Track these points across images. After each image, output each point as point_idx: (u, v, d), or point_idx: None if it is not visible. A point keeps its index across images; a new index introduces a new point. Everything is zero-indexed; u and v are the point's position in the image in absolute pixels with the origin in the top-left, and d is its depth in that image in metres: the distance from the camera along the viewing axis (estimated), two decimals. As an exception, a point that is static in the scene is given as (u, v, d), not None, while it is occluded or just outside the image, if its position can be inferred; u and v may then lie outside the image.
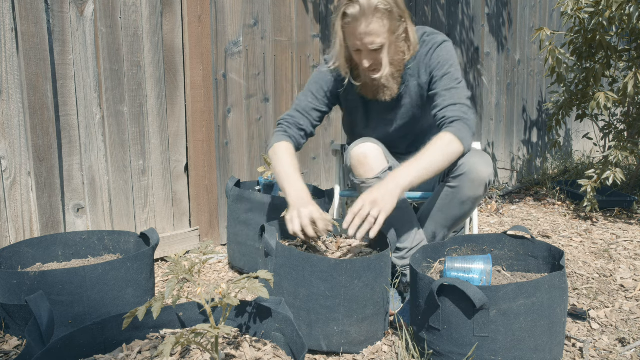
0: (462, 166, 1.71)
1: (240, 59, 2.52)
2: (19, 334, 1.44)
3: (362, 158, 1.72)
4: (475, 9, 3.87)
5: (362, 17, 1.58)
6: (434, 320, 1.40)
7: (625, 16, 3.00)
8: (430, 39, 1.79)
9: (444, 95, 1.72)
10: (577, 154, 5.15)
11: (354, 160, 1.74)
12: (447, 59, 1.76)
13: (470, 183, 1.71)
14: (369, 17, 1.58)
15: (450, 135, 1.64)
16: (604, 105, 3.09)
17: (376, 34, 1.61)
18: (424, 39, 1.79)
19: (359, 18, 1.59)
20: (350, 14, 1.59)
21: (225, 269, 2.30)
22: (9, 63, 1.84)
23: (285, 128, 1.85)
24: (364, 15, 1.58)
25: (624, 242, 2.69)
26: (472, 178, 1.70)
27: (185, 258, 2.33)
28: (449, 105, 1.70)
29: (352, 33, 1.63)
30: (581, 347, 1.59)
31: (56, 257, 1.78)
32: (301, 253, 1.49)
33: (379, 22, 1.60)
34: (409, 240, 1.77)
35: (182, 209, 2.44)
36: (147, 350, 1.21)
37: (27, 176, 1.92)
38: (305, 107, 1.87)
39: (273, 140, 1.84)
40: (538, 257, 1.69)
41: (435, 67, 1.76)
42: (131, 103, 2.19)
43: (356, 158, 1.74)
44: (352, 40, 1.65)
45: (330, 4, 2.88)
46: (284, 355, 1.22)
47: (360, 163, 1.73)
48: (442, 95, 1.73)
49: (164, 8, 2.25)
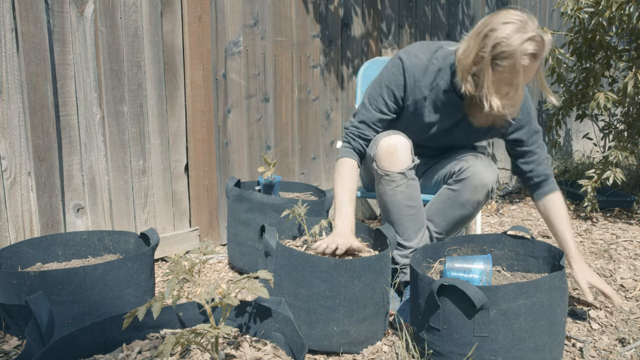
0: (466, 171, 1.72)
1: (240, 59, 2.52)
2: (19, 334, 1.44)
3: (392, 149, 1.69)
4: (476, 9, 3.87)
5: (540, 56, 1.54)
6: (434, 320, 1.40)
7: (625, 16, 3.00)
8: None
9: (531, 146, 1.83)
10: (577, 154, 5.15)
11: (382, 151, 1.70)
12: (527, 105, 1.80)
13: (471, 188, 1.71)
14: (542, 56, 1.55)
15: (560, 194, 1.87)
16: (604, 105, 3.09)
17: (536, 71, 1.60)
18: None
19: (538, 57, 1.53)
20: (534, 52, 1.52)
21: (225, 269, 2.30)
22: (9, 63, 1.84)
23: (350, 140, 1.81)
24: (541, 55, 1.54)
25: (624, 242, 2.69)
26: (475, 184, 1.71)
27: (185, 258, 2.32)
28: (543, 161, 1.85)
29: (522, 70, 1.54)
30: (581, 347, 1.59)
31: (56, 257, 1.78)
32: (301, 253, 1.49)
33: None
34: (415, 240, 1.77)
35: (182, 209, 2.44)
36: (147, 350, 1.21)
37: (27, 176, 1.92)
38: (371, 118, 1.79)
39: (340, 153, 1.81)
40: (538, 257, 1.69)
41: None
42: (131, 103, 2.19)
43: (385, 148, 1.69)
44: (518, 75, 1.55)
45: (331, 4, 2.88)
46: (284, 355, 1.22)
47: (389, 154, 1.69)
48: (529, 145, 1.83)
49: (164, 8, 2.26)
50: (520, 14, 1.55)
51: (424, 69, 1.75)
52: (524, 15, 1.54)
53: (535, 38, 1.51)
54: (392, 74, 1.77)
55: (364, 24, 3.07)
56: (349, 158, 1.78)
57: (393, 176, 1.69)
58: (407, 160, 1.70)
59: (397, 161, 1.69)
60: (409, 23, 3.35)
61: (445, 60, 1.74)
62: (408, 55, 1.77)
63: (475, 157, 1.76)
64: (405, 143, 1.71)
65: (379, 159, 1.71)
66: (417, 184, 1.75)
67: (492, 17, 1.58)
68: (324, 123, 2.95)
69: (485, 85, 1.58)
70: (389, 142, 1.69)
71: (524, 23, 1.52)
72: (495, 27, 1.53)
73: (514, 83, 1.57)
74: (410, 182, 1.71)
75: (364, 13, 3.07)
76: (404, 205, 1.72)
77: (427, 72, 1.75)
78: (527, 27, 1.51)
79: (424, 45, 1.80)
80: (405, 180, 1.70)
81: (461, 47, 1.64)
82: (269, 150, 2.71)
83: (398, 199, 1.71)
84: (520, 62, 1.52)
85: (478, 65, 1.59)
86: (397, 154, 1.69)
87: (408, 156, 1.71)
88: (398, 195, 1.71)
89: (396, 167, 1.69)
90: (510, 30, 1.51)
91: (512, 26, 1.51)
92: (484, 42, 1.55)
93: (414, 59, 1.76)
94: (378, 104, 1.78)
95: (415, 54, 1.77)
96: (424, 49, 1.78)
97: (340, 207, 1.71)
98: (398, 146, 1.69)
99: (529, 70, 1.55)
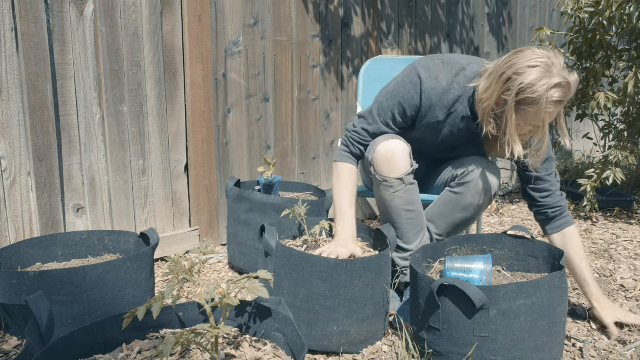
0: (470, 174, 1.71)
1: (240, 59, 2.52)
2: (19, 334, 1.44)
3: (390, 155, 1.65)
4: (476, 8, 3.87)
5: (566, 99, 1.49)
6: (434, 320, 1.40)
7: (626, 16, 3.00)
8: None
9: (542, 172, 1.73)
10: (577, 153, 5.15)
11: (380, 156, 1.67)
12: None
13: (474, 192, 1.71)
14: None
15: (576, 228, 1.76)
16: (604, 105, 3.08)
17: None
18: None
19: (564, 102, 1.49)
20: (560, 100, 1.47)
21: (225, 269, 2.30)
22: (9, 63, 1.84)
23: (349, 144, 1.77)
24: (569, 96, 1.49)
25: (624, 242, 2.69)
26: (478, 188, 1.70)
27: (185, 258, 2.32)
28: (556, 191, 1.75)
29: (546, 113, 1.49)
30: (581, 347, 1.59)
31: (56, 257, 1.78)
32: (301, 253, 1.49)
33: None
34: (415, 243, 1.76)
35: (182, 209, 2.44)
36: (147, 350, 1.21)
37: (27, 176, 1.92)
38: (376, 130, 1.75)
39: (339, 156, 1.78)
40: (538, 257, 1.69)
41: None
42: (131, 103, 2.19)
43: (383, 154, 1.66)
44: (542, 118, 1.51)
45: (331, 4, 2.88)
46: (284, 355, 1.22)
47: (387, 160, 1.66)
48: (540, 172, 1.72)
49: (164, 8, 2.25)
50: (546, 53, 1.48)
51: (442, 93, 1.68)
52: (550, 55, 1.48)
53: (561, 84, 1.45)
54: (409, 92, 1.70)
55: (364, 23, 3.07)
56: (348, 163, 1.76)
57: (391, 182, 1.67)
58: (405, 165, 1.67)
59: (395, 167, 1.66)
60: (409, 23, 3.35)
61: (466, 87, 1.67)
62: (429, 75, 1.69)
63: (479, 161, 1.75)
64: (403, 148, 1.68)
65: (376, 164, 1.68)
66: (416, 188, 1.73)
67: (516, 56, 1.51)
68: (324, 123, 2.95)
69: (508, 131, 1.52)
70: (387, 148, 1.66)
71: (550, 66, 1.46)
72: (520, 70, 1.47)
73: (536, 125, 1.53)
74: (408, 187, 1.70)
75: (364, 13, 3.07)
76: (403, 210, 1.71)
77: (445, 97, 1.68)
78: (553, 71, 1.45)
79: (446, 65, 1.70)
80: (403, 185, 1.68)
81: (481, 85, 1.57)
82: (269, 150, 2.71)
83: (397, 204, 1.70)
84: (545, 110, 1.47)
85: (500, 108, 1.54)
86: (394, 160, 1.66)
87: (406, 161, 1.68)
88: (397, 200, 1.70)
89: (394, 173, 1.67)
90: (535, 76, 1.45)
91: (538, 71, 1.45)
92: (507, 86, 1.50)
93: (434, 82, 1.68)
94: (386, 118, 1.74)
95: (437, 75, 1.68)
96: (446, 71, 1.69)
97: (341, 212, 1.70)
98: (396, 152, 1.66)
99: (554, 114, 1.51)
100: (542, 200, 1.76)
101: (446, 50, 3.65)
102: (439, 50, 3.60)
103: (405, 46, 3.36)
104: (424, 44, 3.49)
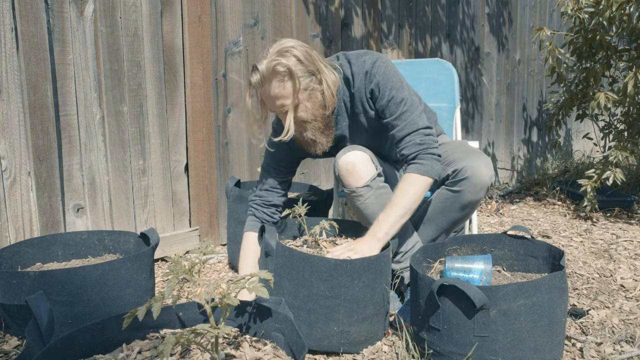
0: (464, 170, 1.70)
1: (240, 59, 2.52)
2: (19, 334, 1.44)
3: (350, 167, 1.68)
4: (476, 8, 3.87)
5: (265, 83, 1.59)
6: (434, 320, 1.40)
7: (625, 16, 3.00)
8: (358, 69, 1.69)
9: (396, 125, 1.68)
10: (577, 154, 5.15)
11: (342, 170, 1.70)
12: (384, 82, 1.66)
13: (472, 187, 1.70)
14: (271, 82, 1.58)
15: (413, 175, 1.63)
16: (604, 105, 3.09)
17: (283, 97, 1.59)
18: (353, 70, 1.70)
19: (263, 84, 1.59)
20: (254, 83, 1.61)
21: (225, 269, 2.30)
22: (9, 63, 1.84)
23: (254, 211, 1.89)
24: (267, 81, 1.58)
25: (624, 242, 2.69)
26: (475, 182, 1.69)
27: (185, 258, 2.33)
28: (403, 138, 1.67)
29: (263, 99, 1.65)
30: (581, 347, 1.59)
31: (56, 257, 1.78)
32: (301, 253, 1.49)
33: (281, 85, 1.58)
34: (404, 245, 1.77)
35: (182, 209, 2.44)
36: (147, 350, 1.21)
37: (27, 176, 1.92)
38: (271, 184, 1.88)
39: (246, 226, 1.88)
40: (538, 257, 1.69)
41: (377, 98, 1.69)
42: (131, 103, 2.19)
43: (344, 168, 1.69)
44: (268, 105, 1.66)
45: (331, 5, 2.88)
46: (284, 355, 1.22)
47: (348, 172, 1.68)
48: (394, 125, 1.68)
49: (164, 8, 2.25)
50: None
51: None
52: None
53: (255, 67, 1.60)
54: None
55: (365, 24, 3.07)
56: (250, 231, 1.85)
57: (359, 191, 1.69)
58: (368, 172, 1.69)
59: (358, 176, 1.68)
60: (409, 23, 3.35)
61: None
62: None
63: (468, 153, 1.74)
64: (361, 155, 1.69)
65: (342, 178, 1.71)
66: (387, 190, 1.73)
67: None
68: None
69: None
70: (346, 161, 1.69)
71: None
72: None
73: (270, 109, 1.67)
74: (378, 191, 1.70)
75: (365, 13, 3.07)
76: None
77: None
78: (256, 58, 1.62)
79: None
80: (372, 191, 1.69)
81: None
82: (269, 150, 2.71)
83: (371, 210, 1.70)
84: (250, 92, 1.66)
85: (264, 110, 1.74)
86: (356, 170, 1.68)
87: (369, 167, 1.69)
88: (370, 207, 1.70)
89: (359, 182, 1.68)
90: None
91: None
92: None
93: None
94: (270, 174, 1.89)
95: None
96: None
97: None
98: (355, 162, 1.68)
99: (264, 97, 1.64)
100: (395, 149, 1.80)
101: (446, 50, 3.65)
102: (439, 50, 3.60)
103: (406, 46, 3.36)
104: (424, 44, 3.49)
